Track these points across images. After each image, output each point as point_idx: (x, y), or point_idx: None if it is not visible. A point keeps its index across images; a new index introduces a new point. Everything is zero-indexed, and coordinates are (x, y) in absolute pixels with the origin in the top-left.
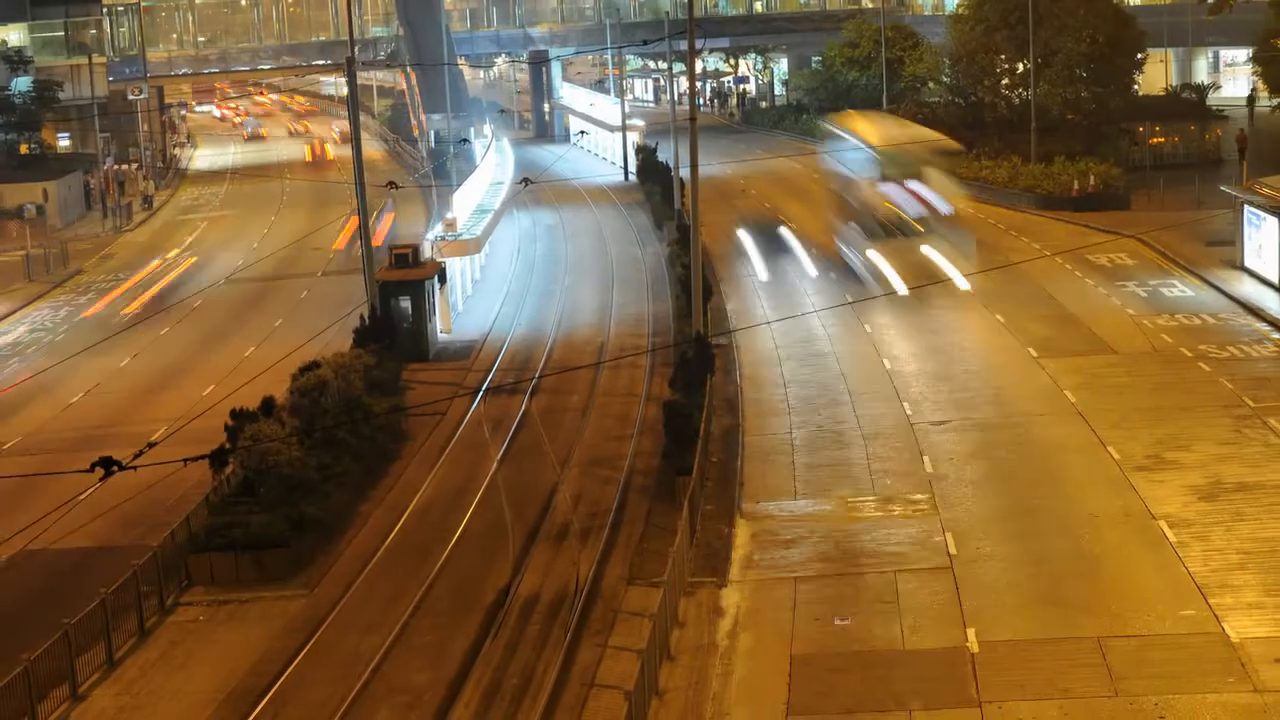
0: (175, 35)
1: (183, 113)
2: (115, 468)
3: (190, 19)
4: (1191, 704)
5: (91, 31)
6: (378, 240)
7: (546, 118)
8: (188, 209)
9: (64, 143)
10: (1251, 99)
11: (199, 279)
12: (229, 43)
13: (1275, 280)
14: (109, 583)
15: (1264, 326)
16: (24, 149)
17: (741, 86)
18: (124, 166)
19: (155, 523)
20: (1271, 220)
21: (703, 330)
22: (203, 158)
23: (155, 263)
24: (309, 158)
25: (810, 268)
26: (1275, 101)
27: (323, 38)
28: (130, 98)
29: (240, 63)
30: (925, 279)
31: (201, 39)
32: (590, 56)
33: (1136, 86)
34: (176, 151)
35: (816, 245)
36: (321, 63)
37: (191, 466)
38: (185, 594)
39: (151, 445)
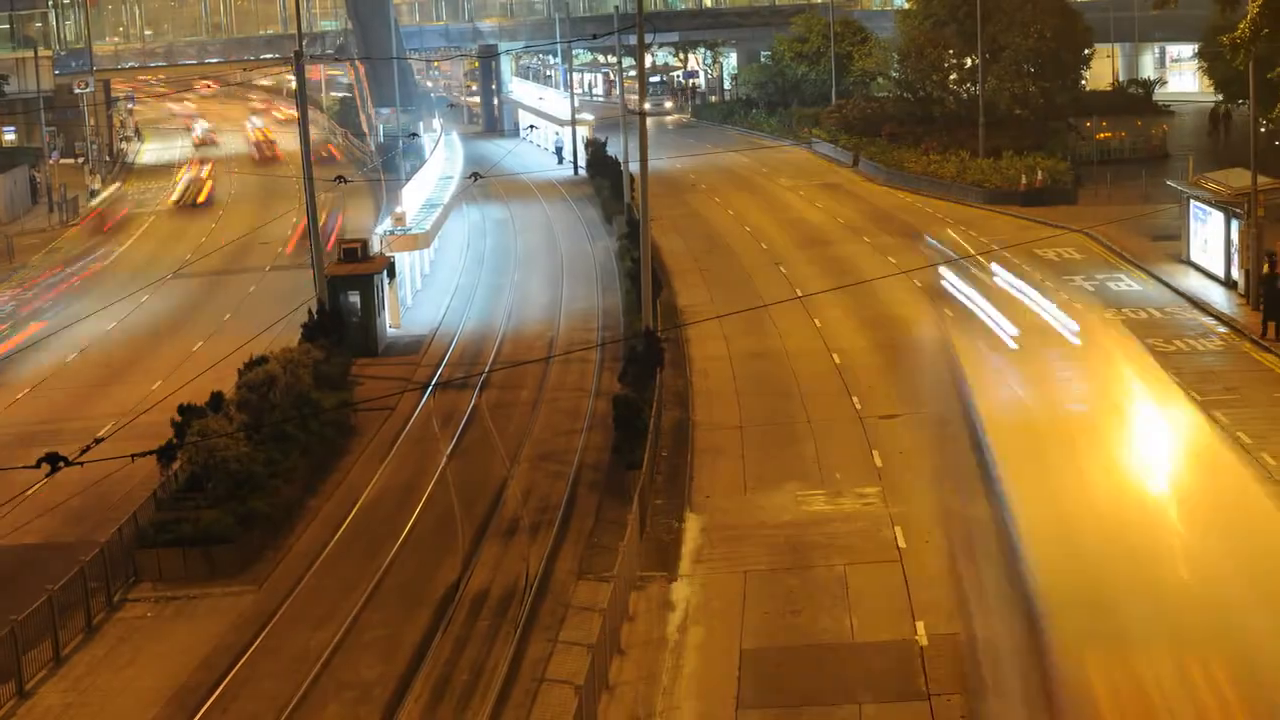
0: (122, 29)
1: (129, 106)
2: (62, 463)
3: (137, 12)
4: None
5: (37, 24)
6: (331, 243)
7: (496, 112)
8: (136, 203)
9: (9, 136)
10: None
11: (145, 274)
12: (176, 36)
13: (1221, 274)
14: (55, 579)
15: (1209, 320)
16: None
17: (691, 81)
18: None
19: (102, 519)
20: (1217, 215)
21: (652, 324)
22: (150, 152)
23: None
24: (257, 156)
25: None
26: (1219, 98)
27: (271, 31)
28: (76, 91)
29: (187, 56)
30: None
31: (148, 32)
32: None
33: (1084, 82)
34: (123, 145)
35: (768, 241)
36: (269, 56)
37: (139, 462)
38: (133, 590)
39: (98, 441)
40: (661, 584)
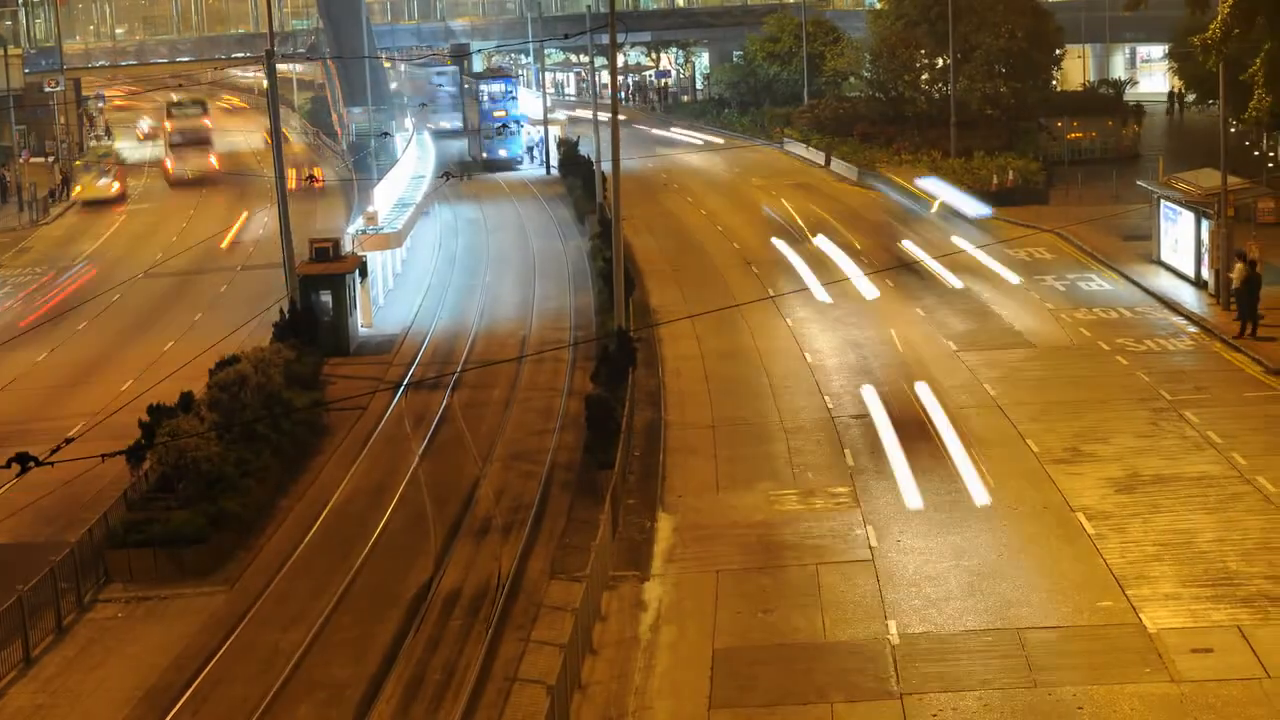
0: (92, 27)
1: (99, 105)
2: (32, 463)
3: (108, 11)
4: (1109, 694)
5: (7, 23)
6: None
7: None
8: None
9: None
10: (1172, 96)
11: (116, 273)
12: (147, 35)
13: (1191, 274)
14: (26, 580)
15: (1180, 320)
16: None
17: (663, 81)
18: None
19: (73, 519)
20: (1187, 215)
21: (624, 324)
22: (120, 150)
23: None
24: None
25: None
26: (1191, 98)
27: (242, 30)
28: (46, 90)
29: (158, 55)
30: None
31: (119, 31)
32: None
33: (1055, 82)
34: (94, 144)
35: (740, 241)
36: (241, 55)
37: (109, 462)
38: (103, 591)
39: (69, 441)
40: (634, 583)
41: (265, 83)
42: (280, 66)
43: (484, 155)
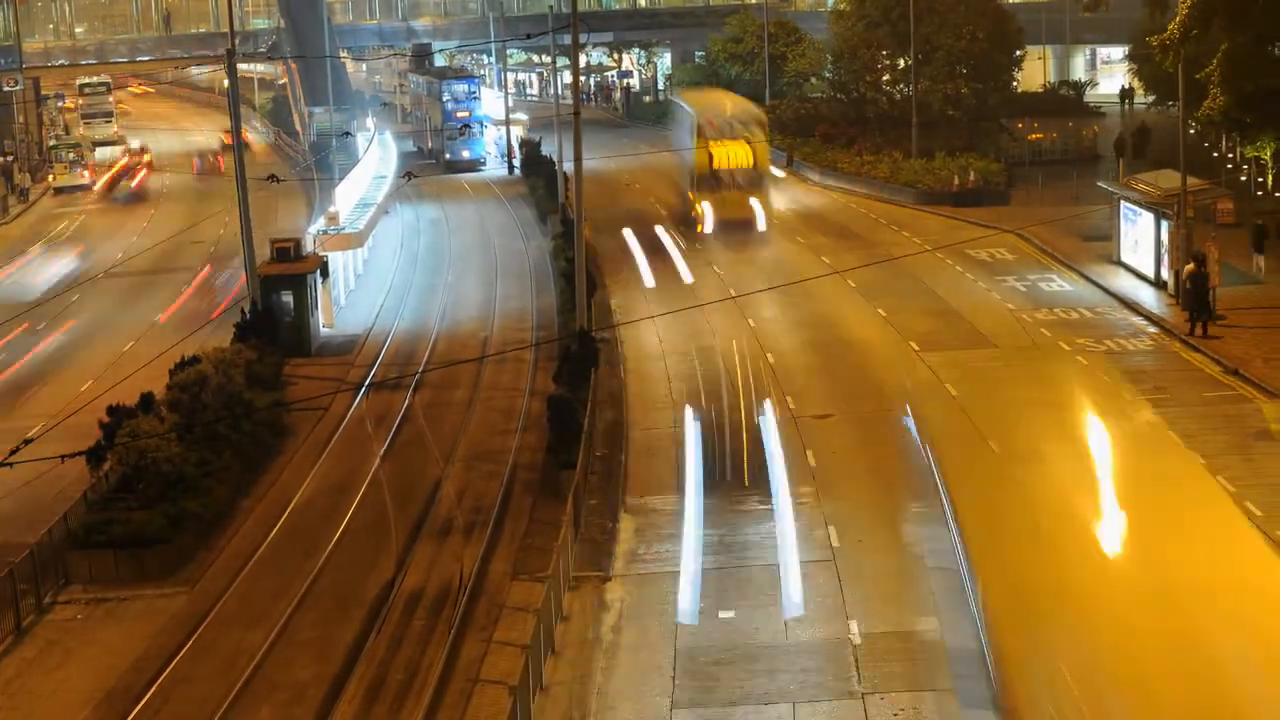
0: (52, 26)
1: (60, 104)
2: None
3: (68, 9)
4: None
5: None
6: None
7: None
8: (64, 201)
9: None
10: (1124, 95)
11: (76, 273)
12: (108, 34)
13: (1150, 275)
14: None
15: (1140, 320)
16: None
17: (625, 81)
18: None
19: (32, 520)
20: (1147, 216)
21: (586, 324)
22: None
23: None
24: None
25: (686, 270)
26: (1150, 99)
27: (203, 29)
28: (5, 89)
29: (119, 54)
30: None
31: (79, 30)
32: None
33: (1016, 83)
34: (54, 142)
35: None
36: (202, 54)
37: (69, 463)
38: (63, 592)
39: (28, 442)
40: (596, 584)
41: (226, 82)
42: (241, 66)
43: (446, 156)
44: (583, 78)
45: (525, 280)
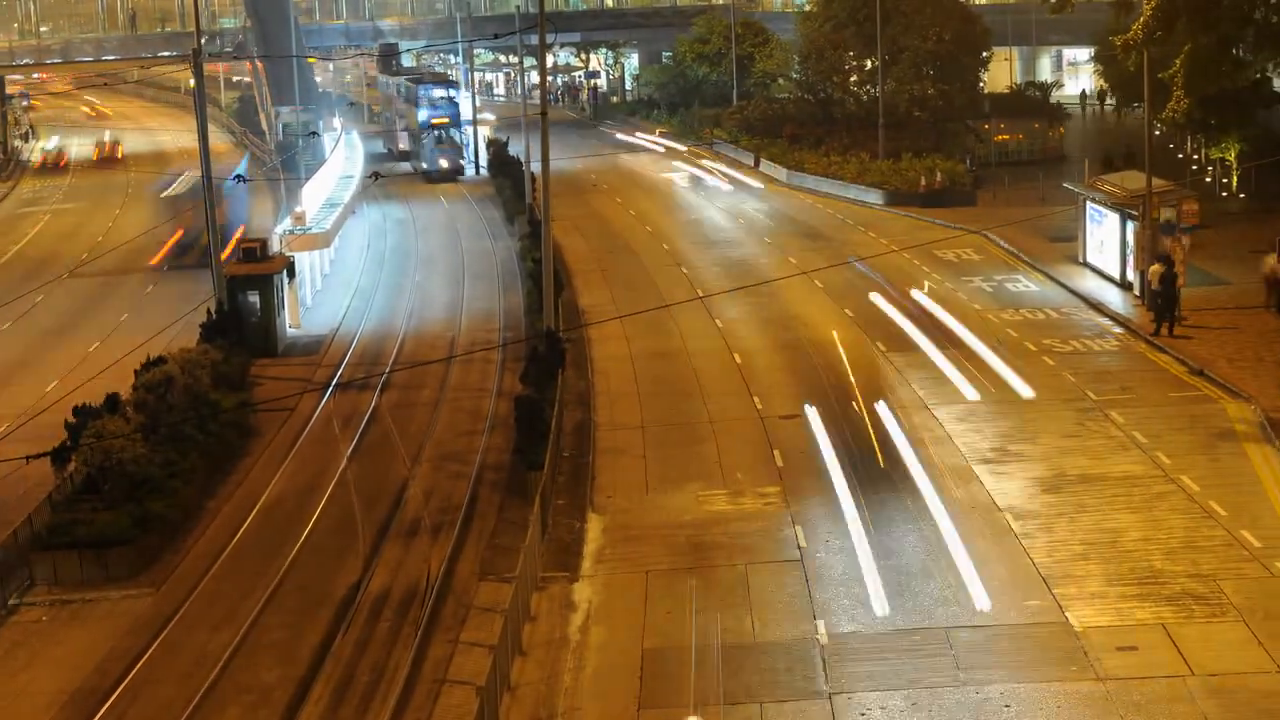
0: (16, 25)
1: (24, 104)
2: None
3: (32, 8)
4: (1035, 692)
5: None
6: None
7: None
8: (30, 201)
9: None
10: (1084, 97)
11: (40, 272)
12: (73, 33)
13: (1116, 275)
14: None
15: (1105, 321)
16: None
17: (593, 81)
18: None
19: None
20: (1112, 216)
21: (554, 325)
22: (44, 151)
23: None
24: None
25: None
26: (1113, 101)
27: (169, 29)
28: None
29: (84, 53)
30: None
31: (44, 29)
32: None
33: (982, 84)
34: (18, 144)
35: (669, 243)
36: (168, 54)
37: (33, 464)
38: (28, 594)
39: None
40: (563, 584)
41: (192, 81)
42: (208, 65)
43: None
44: (550, 78)
45: (493, 281)
